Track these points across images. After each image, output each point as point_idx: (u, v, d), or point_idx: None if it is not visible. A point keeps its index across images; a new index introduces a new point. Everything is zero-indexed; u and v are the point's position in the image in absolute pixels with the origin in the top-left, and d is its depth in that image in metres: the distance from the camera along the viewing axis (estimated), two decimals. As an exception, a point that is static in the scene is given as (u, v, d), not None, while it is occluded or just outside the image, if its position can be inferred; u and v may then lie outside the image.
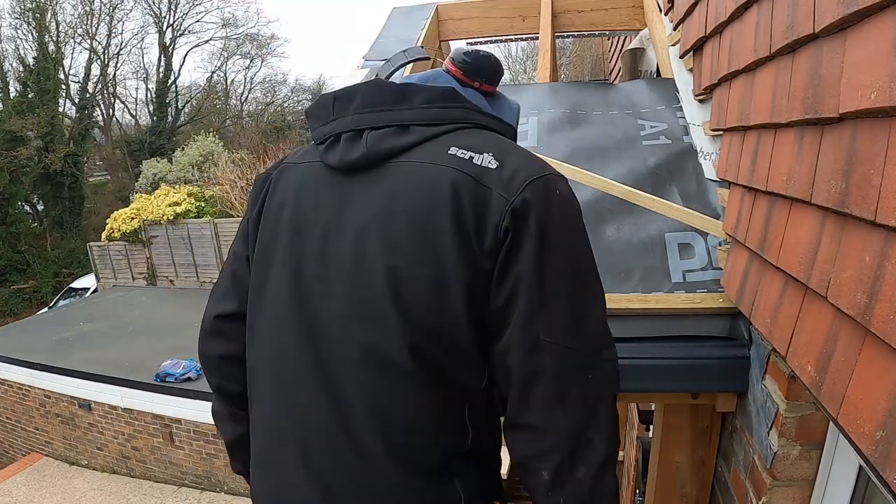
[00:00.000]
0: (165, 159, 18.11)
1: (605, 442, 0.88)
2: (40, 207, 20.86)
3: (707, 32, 1.53)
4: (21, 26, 20.58)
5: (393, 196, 0.88)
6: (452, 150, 0.88)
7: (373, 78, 1.07)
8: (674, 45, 2.01)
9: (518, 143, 1.04)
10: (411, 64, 1.22)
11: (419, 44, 2.54)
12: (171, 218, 13.55)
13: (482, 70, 1.05)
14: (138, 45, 27.00)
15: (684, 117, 1.79)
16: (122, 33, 24.34)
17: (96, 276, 15.12)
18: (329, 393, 0.88)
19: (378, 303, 0.86)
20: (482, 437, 0.94)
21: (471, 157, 0.87)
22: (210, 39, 26.01)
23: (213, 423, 1.15)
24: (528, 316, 0.84)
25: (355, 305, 0.87)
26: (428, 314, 0.85)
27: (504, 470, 1.03)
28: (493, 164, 0.86)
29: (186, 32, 25.28)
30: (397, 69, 1.21)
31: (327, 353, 0.89)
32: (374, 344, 0.86)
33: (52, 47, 20.95)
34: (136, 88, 32.05)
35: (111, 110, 24.53)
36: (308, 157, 1.00)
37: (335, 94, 0.97)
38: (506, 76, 1.23)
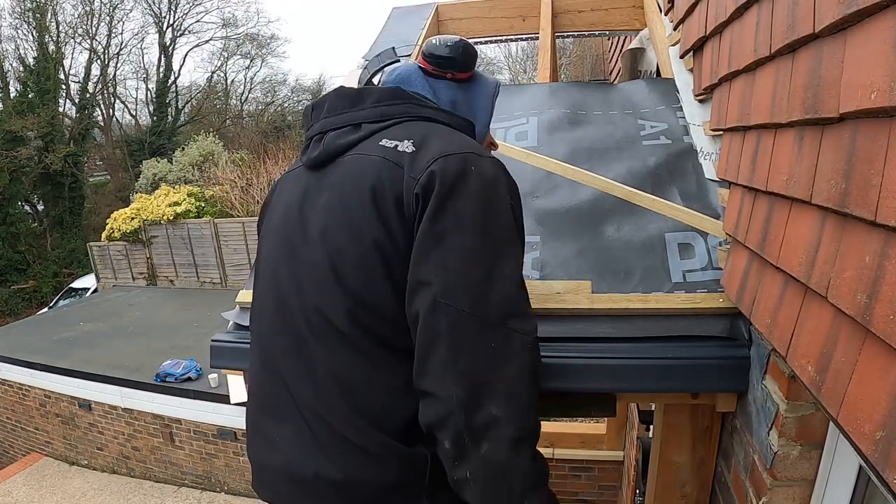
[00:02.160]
0: (165, 159, 18.12)
1: (513, 420, 0.85)
2: (40, 207, 20.85)
3: (707, 32, 1.53)
4: (21, 26, 20.62)
5: (335, 185, 1.01)
6: (383, 142, 0.99)
7: (344, 85, 1.18)
8: (674, 45, 2.01)
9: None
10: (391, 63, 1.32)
11: (419, 42, 2.54)
12: (171, 218, 13.54)
13: (450, 64, 1.14)
14: (138, 45, 27.09)
15: (684, 117, 1.79)
16: (122, 33, 24.50)
17: (96, 276, 15.12)
18: (298, 357, 0.99)
19: (323, 279, 0.97)
20: None
21: (395, 146, 0.98)
22: (210, 39, 26.09)
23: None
24: (426, 276, 0.89)
25: (310, 280, 0.99)
26: (359, 284, 0.94)
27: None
28: (410, 149, 0.96)
29: (186, 32, 25.34)
30: (375, 73, 1.31)
31: (293, 323, 1.00)
32: (320, 311, 0.97)
33: (52, 47, 20.95)
34: (136, 88, 32.08)
35: (111, 110, 24.55)
36: (295, 165, 1.17)
37: (312, 104, 1.13)
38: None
